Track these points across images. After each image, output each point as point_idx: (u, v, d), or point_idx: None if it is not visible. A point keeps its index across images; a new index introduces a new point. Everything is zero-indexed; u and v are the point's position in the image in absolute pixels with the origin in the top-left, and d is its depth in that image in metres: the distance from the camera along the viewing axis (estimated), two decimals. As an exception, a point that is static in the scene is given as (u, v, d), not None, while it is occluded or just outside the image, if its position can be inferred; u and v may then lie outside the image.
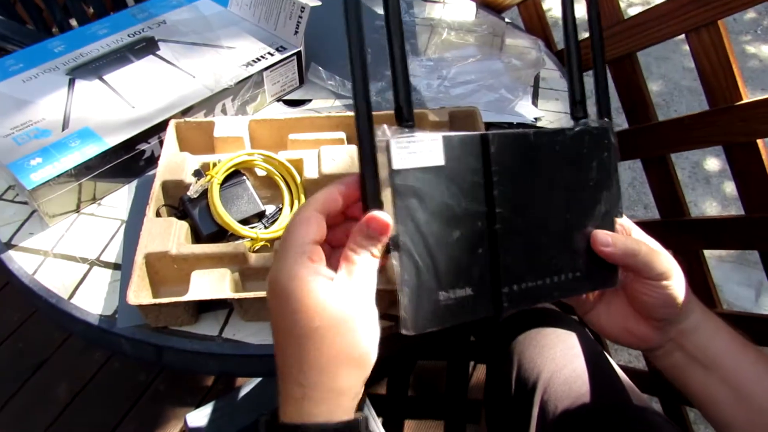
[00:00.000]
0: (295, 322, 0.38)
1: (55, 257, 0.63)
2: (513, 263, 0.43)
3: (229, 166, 0.63)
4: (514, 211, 0.43)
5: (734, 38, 2.50)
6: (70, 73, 0.75)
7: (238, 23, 0.84)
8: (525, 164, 0.44)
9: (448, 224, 0.40)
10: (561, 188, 0.46)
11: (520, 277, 0.43)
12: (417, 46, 0.90)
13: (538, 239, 0.45)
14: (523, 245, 0.44)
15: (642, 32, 0.79)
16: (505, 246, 0.43)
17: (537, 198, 0.45)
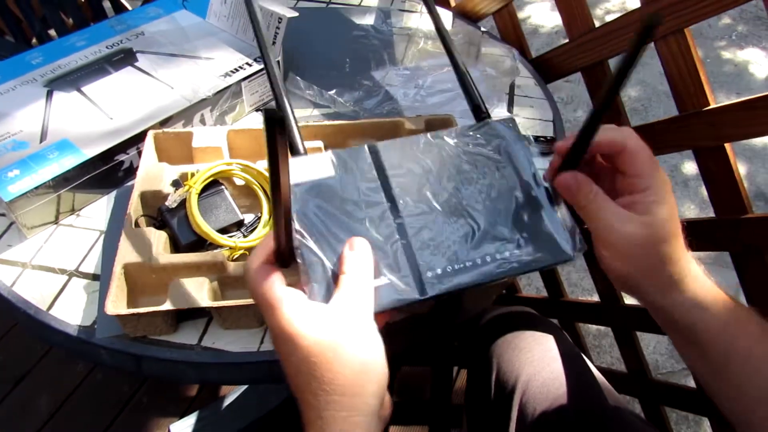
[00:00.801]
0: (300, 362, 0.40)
1: (33, 269, 0.63)
2: (430, 248, 0.45)
3: (207, 176, 0.63)
4: (420, 202, 0.47)
5: (709, 44, 2.55)
6: (48, 85, 0.75)
7: (217, 34, 0.85)
8: (423, 161, 0.49)
9: (350, 224, 0.45)
10: (470, 177, 0.49)
11: (443, 260, 0.45)
12: (394, 56, 0.91)
13: (456, 223, 0.47)
14: (439, 231, 0.46)
15: (612, 40, 0.81)
16: (417, 233, 0.46)
17: (444, 188, 0.48)
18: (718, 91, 2.30)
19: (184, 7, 0.90)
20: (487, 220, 0.48)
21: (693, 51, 0.72)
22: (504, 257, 0.47)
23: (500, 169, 0.50)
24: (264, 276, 0.42)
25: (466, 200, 0.48)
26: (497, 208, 0.48)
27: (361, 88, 0.83)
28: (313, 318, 0.40)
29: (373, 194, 0.46)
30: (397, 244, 0.45)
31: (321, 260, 0.43)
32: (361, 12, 1.02)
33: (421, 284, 0.44)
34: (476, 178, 0.49)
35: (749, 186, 1.96)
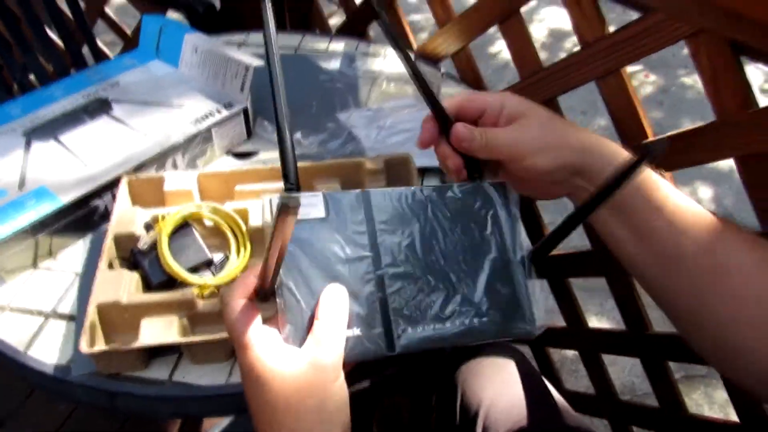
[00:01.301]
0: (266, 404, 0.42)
1: (12, 311, 0.66)
2: (405, 307, 0.46)
3: (177, 219, 0.67)
4: (402, 258, 0.47)
5: (672, 72, 2.64)
6: (27, 135, 0.79)
7: (188, 82, 0.90)
8: (410, 216, 0.49)
9: (332, 269, 0.45)
10: (453, 239, 0.49)
11: (415, 320, 0.46)
12: (359, 98, 0.97)
13: (432, 284, 0.47)
14: (416, 290, 0.47)
15: (559, 79, 0.86)
16: (395, 290, 0.46)
17: (426, 247, 0.48)
18: (683, 117, 2.38)
19: (158, 58, 0.95)
20: (463, 284, 0.48)
21: (630, 89, 0.78)
22: (472, 324, 0.47)
23: (483, 232, 0.50)
24: (241, 314, 0.43)
25: (447, 261, 0.48)
26: (473, 272, 0.49)
27: (325, 131, 0.87)
28: (283, 362, 0.41)
29: (359, 242, 0.47)
30: (374, 297, 0.46)
31: (299, 302, 0.43)
32: (327, 57, 1.08)
33: (391, 341, 0.45)
34: (458, 240, 0.49)
35: (717, 208, 2.03)
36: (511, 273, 0.50)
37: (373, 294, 0.46)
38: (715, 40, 0.66)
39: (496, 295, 0.49)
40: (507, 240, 0.51)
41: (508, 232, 0.51)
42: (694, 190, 2.07)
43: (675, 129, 0.76)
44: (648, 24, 0.71)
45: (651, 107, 2.43)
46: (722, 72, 0.66)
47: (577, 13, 0.79)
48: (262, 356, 0.41)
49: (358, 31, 1.26)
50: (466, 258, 0.49)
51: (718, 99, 0.68)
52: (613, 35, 0.76)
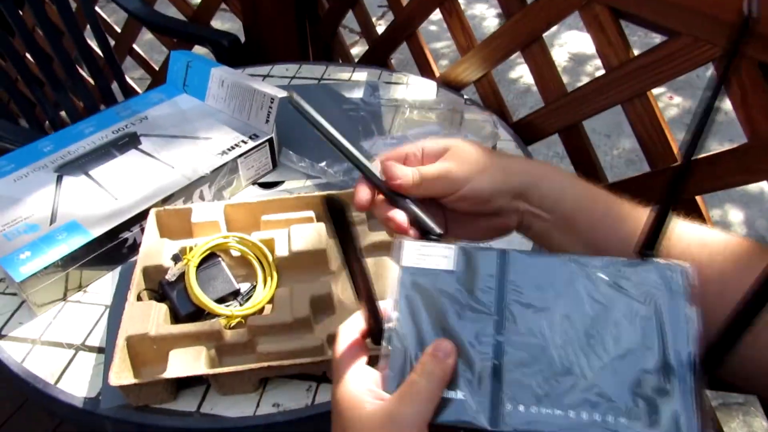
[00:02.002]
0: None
1: (42, 344, 0.67)
2: (521, 382, 0.40)
3: (204, 250, 0.68)
4: (530, 328, 0.41)
5: (697, 93, 2.62)
6: (58, 171, 0.81)
7: (214, 115, 0.91)
8: (552, 285, 0.42)
9: (447, 323, 0.41)
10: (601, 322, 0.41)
11: (531, 399, 0.39)
12: (382, 126, 0.97)
13: (562, 366, 0.40)
14: (539, 367, 0.40)
15: (584, 104, 0.86)
16: (513, 360, 0.40)
17: (565, 324, 0.41)
18: (710, 140, 2.35)
19: (185, 92, 0.97)
20: (601, 374, 0.39)
21: (657, 112, 0.77)
22: (605, 421, 0.38)
23: (642, 321, 0.41)
24: (345, 349, 0.43)
25: (585, 343, 0.40)
26: (619, 365, 0.40)
27: (350, 159, 0.88)
28: (366, 403, 0.40)
29: (485, 302, 0.42)
30: (488, 363, 0.40)
31: (405, 350, 0.41)
32: (350, 86, 1.09)
33: (496, 415, 0.39)
34: (606, 322, 0.41)
35: (748, 231, 1.99)
36: (671, 379, 0.39)
37: (488, 359, 0.40)
38: (744, 62, 0.65)
39: (646, 400, 0.39)
40: (673, 338, 0.40)
41: (677, 328, 0.40)
42: (724, 213, 2.03)
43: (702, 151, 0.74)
44: (674, 47, 0.71)
45: (676, 129, 2.40)
46: (752, 94, 0.65)
47: (602, 38, 0.79)
48: (349, 390, 0.41)
49: (380, 60, 1.27)
50: (615, 348, 0.40)
51: (748, 121, 0.67)
52: (638, 58, 0.76)
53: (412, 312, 0.42)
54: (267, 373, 0.60)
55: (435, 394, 0.40)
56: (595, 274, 0.42)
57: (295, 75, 1.14)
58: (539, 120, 0.95)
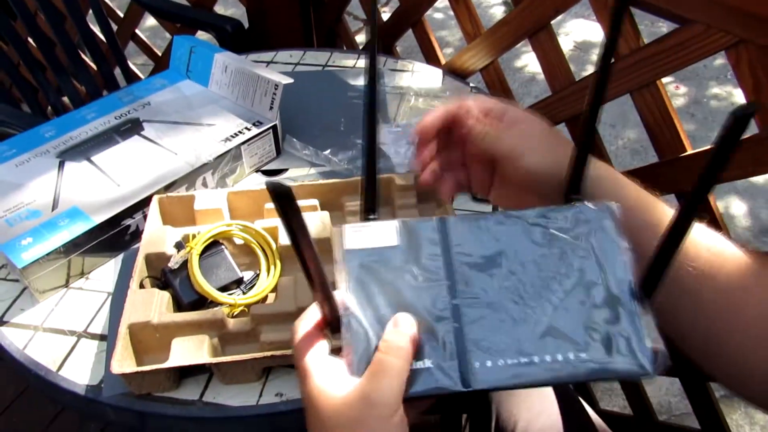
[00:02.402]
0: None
1: (44, 331, 0.66)
2: (484, 338, 0.41)
3: (207, 237, 0.67)
4: (482, 286, 0.42)
5: (705, 83, 2.60)
6: (60, 156, 0.80)
7: (218, 101, 0.90)
8: (493, 243, 0.44)
9: (402, 297, 0.42)
10: (545, 267, 0.43)
11: (496, 353, 0.40)
12: (387, 114, 0.96)
13: (518, 315, 0.42)
14: (497, 320, 0.41)
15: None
16: (472, 319, 0.41)
17: (512, 275, 0.43)
18: (716, 129, 2.33)
19: (188, 77, 0.96)
20: (555, 315, 0.41)
21: (666, 101, 0.76)
22: (567, 359, 0.40)
23: (582, 259, 0.43)
24: (303, 341, 0.42)
25: (534, 290, 0.42)
26: (569, 304, 0.42)
27: (354, 147, 0.87)
28: (337, 391, 0.40)
29: (434, 270, 0.43)
30: (449, 327, 0.41)
31: (366, 332, 0.41)
32: (355, 74, 1.07)
33: (466, 376, 0.39)
34: (551, 266, 0.43)
35: (753, 222, 1.97)
36: (616, 305, 0.42)
37: (448, 324, 0.41)
38: (756, 50, 0.64)
39: (599, 330, 0.41)
40: (612, 268, 0.43)
41: (613, 260, 0.43)
42: (728, 204, 2.02)
43: (708, 141, 0.74)
44: (686, 36, 0.69)
45: (683, 119, 2.38)
46: (765, 83, 0.64)
47: (610, 25, 0.78)
48: (318, 383, 0.40)
49: (385, 47, 1.26)
50: (561, 287, 0.42)
51: (761, 111, 0.66)
52: (648, 47, 0.75)
53: (365, 293, 0.42)
54: (270, 362, 0.60)
55: (404, 367, 0.40)
56: (531, 224, 0.44)
57: (299, 61, 1.13)
58: (546, 109, 0.94)
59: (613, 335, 0.41)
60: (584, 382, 0.40)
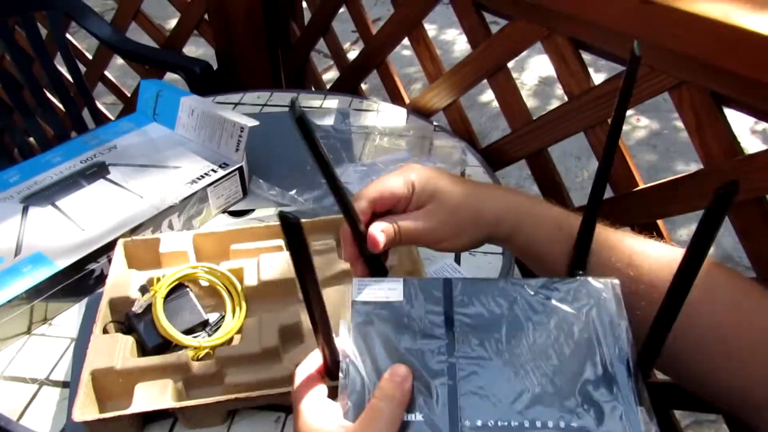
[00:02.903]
0: None
1: (5, 379, 0.66)
2: (476, 395, 0.42)
3: (171, 281, 0.67)
4: (479, 346, 0.44)
5: (665, 116, 2.69)
6: (24, 201, 0.80)
7: (184, 144, 0.92)
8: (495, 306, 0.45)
9: (401, 350, 0.44)
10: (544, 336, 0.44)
11: (486, 411, 0.41)
12: (353, 153, 0.98)
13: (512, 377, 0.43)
14: (491, 379, 0.43)
15: (548, 131, 0.88)
16: (466, 374, 0.43)
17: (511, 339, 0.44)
18: (677, 160, 2.41)
19: (155, 120, 0.97)
20: (548, 383, 0.42)
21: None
22: (557, 426, 0.40)
23: (580, 332, 0.44)
24: (302, 384, 0.44)
25: (530, 356, 0.43)
26: (563, 374, 0.43)
27: (320, 187, 0.88)
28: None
29: (434, 327, 0.45)
30: (443, 384, 0.42)
31: (363, 379, 0.42)
32: (321, 114, 1.10)
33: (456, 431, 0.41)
34: (550, 336, 0.44)
35: (715, 250, 2.03)
36: (612, 386, 0.42)
37: (443, 381, 0.42)
38: (697, 91, 0.68)
39: (592, 403, 0.41)
40: (609, 348, 0.43)
41: (612, 338, 0.44)
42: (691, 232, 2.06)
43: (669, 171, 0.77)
44: (631, 77, 0.73)
45: (644, 151, 2.46)
46: (706, 122, 0.68)
47: (563, 67, 0.82)
48: (311, 422, 0.41)
49: (351, 86, 1.29)
50: (559, 357, 0.43)
51: (704, 148, 0.70)
52: (597, 88, 0.78)
53: (366, 343, 0.44)
54: (235, 404, 0.60)
55: (396, 416, 0.41)
56: (534, 294, 0.45)
57: (267, 102, 1.15)
58: (506, 146, 0.97)
59: (605, 409, 0.41)
60: None
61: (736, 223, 0.70)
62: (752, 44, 0.57)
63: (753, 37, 0.57)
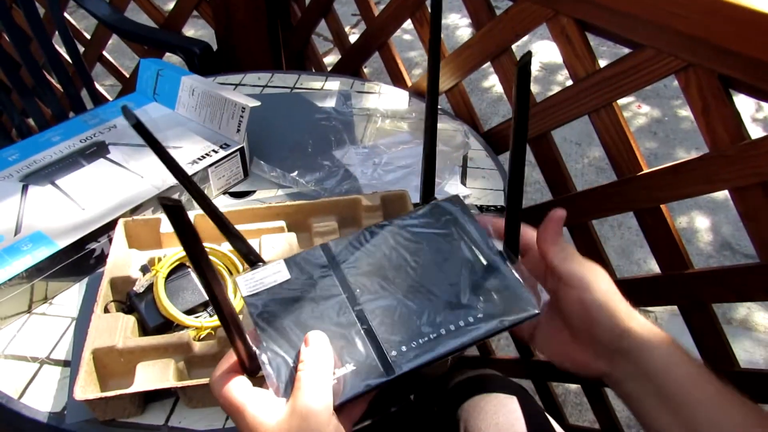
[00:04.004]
0: None
1: (6, 358, 0.65)
2: (392, 331, 0.46)
3: (173, 261, 0.67)
4: (376, 288, 0.49)
5: (667, 102, 2.68)
6: (24, 180, 0.79)
7: (185, 124, 0.91)
8: (374, 250, 0.51)
9: (308, 318, 0.47)
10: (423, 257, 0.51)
11: (407, 338, 0.46)
12: (354, 136, 0.97)
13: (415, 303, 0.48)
14: (399, 313, 0.47)
15: (552, 114, 0.87)
16: (378, 319, 0.47)
17: (398, 272, 0.50)
18: (677, 147, 2.40)
19: (155, 100, 0.96)
20: (446, 293, 0.48)
21: (622, 121, 0.79)
22: (468, 323, 0.47)
23: (452, 243, 0.51)
24: (226, 382, 0.44)
25: (423, 278, 0.49)
26: (455, 280, 0.49)
27: (322, 169, 0.88)
28: (271, 415, 0.42)
29: (330, 288, 0.48)
30: (359, 331, 0.46)
31: (284, 358, 0.44)
32: (322, 95, 1.09)
33: (387, 365, 0.45)
34: (429, 256, 0.50)
35: (714, 237, 2.03)
36: (492, 267, 0.50)
37: (357, 329, 0.47)
38: (704, 74, 0.67)
39: (486, 291, 0.49)
40: (478, 242, 0.52)
41: (476, 235, 0.52)
42: (691, 220, 2.07)
43: (670, 159, 0.77)
44: (638, 60, 0.72)
45: (645, 138, 2.46)
46: (713, 105, 0.67)
47: (569, 49, 0.81)
48: (254, 414, 0.42)
49: (352, 69, 1.28)
50: (443, 269, 0.50)
51: (709, 132, 0.69)
52: (603, 70, 0.78)
53: (273, 327, 0.46)
54: (237, 384, 0.60)
55: (326, 376, 0.43)
56: (400, 228, 0.53)
57: (267, 84, 1.14)
58: (509, 130, 0.96)
59: (500, 294, 0.48)
60: (487, 338, 0.47)
61: (740, 208, 0.70)
62: (763, 26, 0.56)
63: (764, 19, 0.56)
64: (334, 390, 0.43)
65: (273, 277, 0.49)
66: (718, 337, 0.80)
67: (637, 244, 1.96)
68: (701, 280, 0.78)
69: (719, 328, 0.80)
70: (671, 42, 0.68)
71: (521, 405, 0.77)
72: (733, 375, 0.80)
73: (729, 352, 0.81)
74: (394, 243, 0.52)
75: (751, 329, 1.71)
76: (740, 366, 0.81)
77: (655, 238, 0.81)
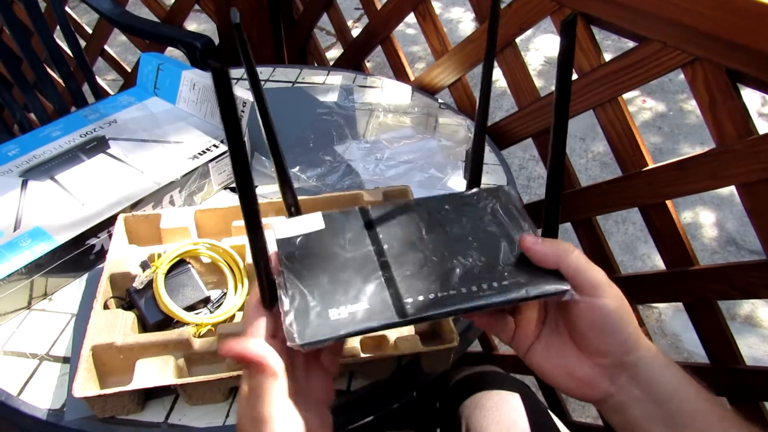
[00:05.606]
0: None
1: (5, 354, 0.65)
2: (414, 279, 0.46)
3: (173, 257, 0.67)
4: (405, 247, 0.49)
5: (671, 97, 2.66)
6: (23, 175, 0.79)
7: (186, 118, 0.90)
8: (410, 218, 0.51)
9: (336, 263, 0.47)
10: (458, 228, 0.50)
11: (426, 289, 0.46)
12: (356, 130, 0.97)
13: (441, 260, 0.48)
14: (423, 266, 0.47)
15: (556, 109, 0.86)
16: (401, 268, 0.47)
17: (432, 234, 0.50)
18: (682, 142, 2.38)
19: (156, 95, 0.95)
20: (476, 259, 0.48)
21: (628, 116, 0.78)
22: (492, 287, 0.45)
23: (490, 221, 0.51)
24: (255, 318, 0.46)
25: (455, 245, 0.49)
26: (486, 252, 0.48)
27: (323, 164, 0.87)
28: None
29: (360, 240, 0.49)
30: (379, 277, 0.46)
31: (300, 290, 0.45)
32: (324, 90, 1.08)
33: (399, 309, 0.44)
34: (465, 227, 0.50)
35: (719, 233, 2.02)
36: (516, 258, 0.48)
37: (378, 275, 0.47)
38: (711, 68, 0.66)
39: (517, 263, 0.47)
40: (519, 222, 0.51)
41: (516, 216, 0.51)
42: (695, 215, 2.06)
43: (674, 154, 0.75)
44: (644, 53, 0.71)
45: (650, 132, 2.44)
46: (720, 99, 0.66)
47: (572, 43, 0.80)
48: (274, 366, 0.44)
49: (355, 63, 1.27)
50: (477, 239, 0.49)
51: (716, 127, 0.68)
52: (609, 64, 0.77)
53: (298, 266, 0.47)
54: (237, 382, 0.59)
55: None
56: (442, 200, 0.53)
57: (269, 78, 1.13)
58: (513, 124, 0.95)
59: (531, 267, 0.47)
60: (508, 304, 0.46)
61: (747, 203, 0.69)
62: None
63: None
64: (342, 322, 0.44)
65: (308, 226, 0.50)
66: (722, 334, 0.79)
67: (642, 240, 1.95)
68: (706, 277, 0.77)
69: (724, 324, 0.79)
70: (678, 36, 0.67)
71: (523, 401, 0.76)
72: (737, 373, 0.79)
73: (734, 348, 0.80)
74: (431, 212, 0.52)
75: (756, 325, 1.70)
76: (745, 363, 0.80)
77: (659, 234, 0.80)
